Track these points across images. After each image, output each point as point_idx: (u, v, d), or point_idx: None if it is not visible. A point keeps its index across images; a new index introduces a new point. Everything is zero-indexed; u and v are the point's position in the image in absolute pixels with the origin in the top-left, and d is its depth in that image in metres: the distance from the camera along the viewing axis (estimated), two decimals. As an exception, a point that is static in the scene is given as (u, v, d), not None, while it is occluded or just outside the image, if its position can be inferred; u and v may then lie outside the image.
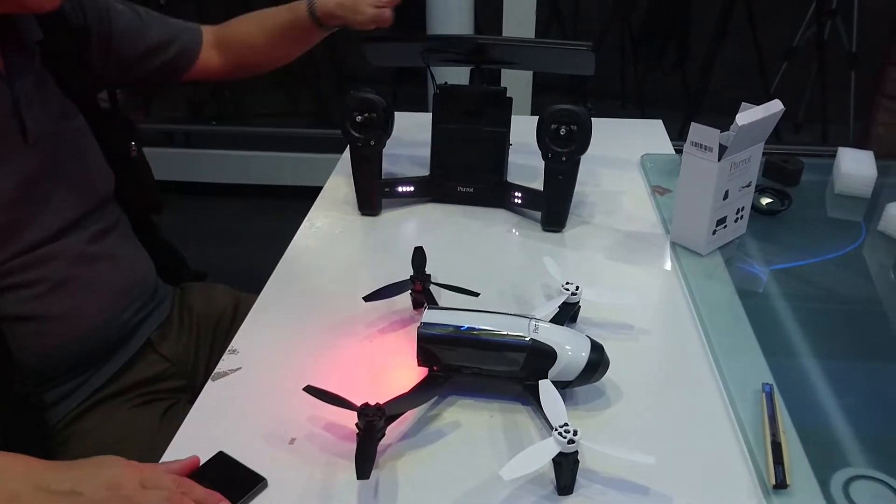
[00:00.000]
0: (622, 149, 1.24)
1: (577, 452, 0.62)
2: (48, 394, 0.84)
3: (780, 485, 0.63)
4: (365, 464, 0.60)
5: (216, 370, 0.78)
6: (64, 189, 0.86)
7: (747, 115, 0.87)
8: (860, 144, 1.50)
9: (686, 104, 2.92)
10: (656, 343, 0.81)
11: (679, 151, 1.24)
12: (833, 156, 1.19)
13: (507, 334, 0.70)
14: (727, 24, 2.53)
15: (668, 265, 0.96)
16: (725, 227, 0.96)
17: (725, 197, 0.93)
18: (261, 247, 1.04)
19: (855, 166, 1.10)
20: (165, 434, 0.81)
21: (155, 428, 0.89)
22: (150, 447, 0.80)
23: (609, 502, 0.63)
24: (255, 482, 0.64)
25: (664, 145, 1.30)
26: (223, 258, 1.12)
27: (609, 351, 0.72)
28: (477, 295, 0.82)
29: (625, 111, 3.02)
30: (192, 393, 0.97)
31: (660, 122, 1.39)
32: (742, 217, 0.99)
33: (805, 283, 0.94)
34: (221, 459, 0.66)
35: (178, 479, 0.62)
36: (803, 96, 2.73)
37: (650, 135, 1.34)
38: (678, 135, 1.34)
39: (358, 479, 0.59)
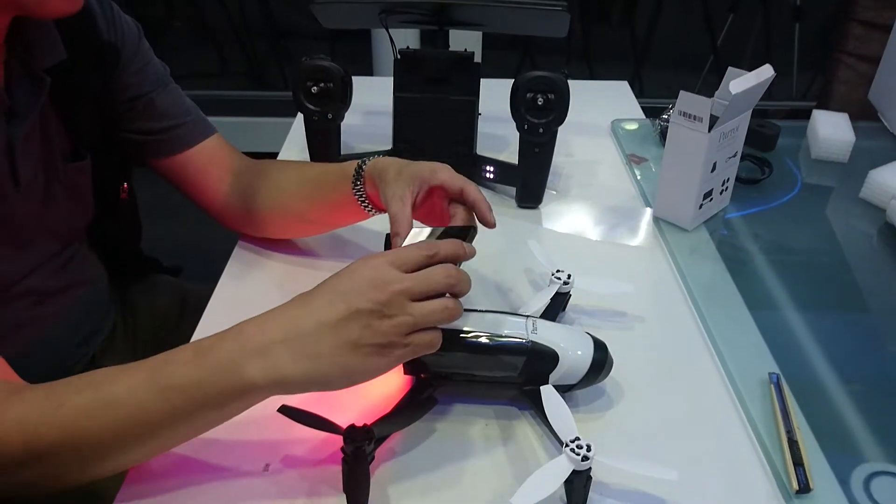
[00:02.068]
0: (590, 114, 1.17)
1: (590, 469, 0.56)
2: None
3: (804, 489, 0.59)
4: (358, 501, 0.53)
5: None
6: (46, 232, 0.75)
7: (740, 83, 0.81)
8: (820, 102, 1.48)
9: (633, 58, 2.88)
10: (652, 332, 0.76)
11: (649, 114, 1.19)
12: (793, 115, 1.15)
13: (504, 336, 0.63)
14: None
15: (652, 242, 0.90)
16: (711, 199, 0.91)
17: (713, 169, 0.87)
18: (203, 223, 0.93)
19: (832, 130, 1.07)
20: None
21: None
22: None
23: (625, 519, 0.58)
24: None
25: (633, 109, 1.24)
26: (159, 237, 1.00)
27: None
28: (461, 288, 0.75)
29: (570, 67, 2.96)
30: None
31: (625, 83, 1.33)
32: (727, 188, 0.94)
33: (796, 257, 0.90)
34: None
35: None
36: (747, 50, 2.72)
37: (617, 97, 1.28)
38: (637, 93, 1.29)
39: (353, 520, 0.52)
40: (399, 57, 0.96)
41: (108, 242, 0.87)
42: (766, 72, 0.84)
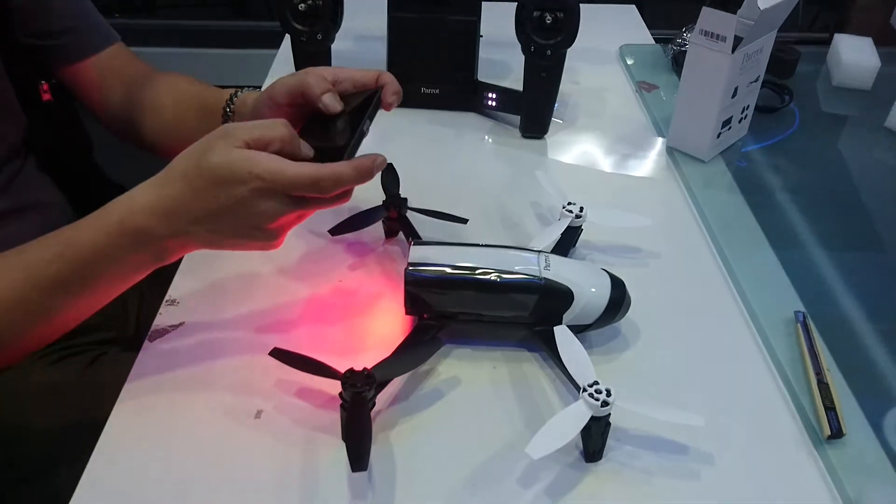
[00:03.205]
0: (596, 39, 1.09)
1: (609, 415, 0.52)
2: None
3: (836, 434, 0.55)
4: (360, 451, 0.49)
5: (154, 326, 0.63)
6: None
7: (768, -2, 0.74)
8: (839, 27, 1.40)
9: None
10: (669, 269, 0.71)
11: (659, 41, 1.12)
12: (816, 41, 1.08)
13: (514, 273, 0.58)
14: None
15: (666, 174, 0.85)
16: (729, 128, 0.85)
17: (734, 94, 0.81)
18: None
19: (855, 56, 1.00)
20: (93, 389, 0.68)
21: (78, 382, 0.75)
22: (74, 404, 0.70)
23: (645, 467, 0.54)
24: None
25: (642, 34, 1.16)
26: (141, 178, 0.93)
27: (621, 281, 0.61)
28: (465, 221, 0.70)
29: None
30: (123, 344, 0.82)
31: (633, 7, 1.24)
32: (746, 117, 0.88)
33: (817, 190, 0.84)
34: None
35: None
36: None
37: (625, 22, 1.21)
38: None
39: (354, 471, 0.48)
40: (394, -28, 0.88)
41: (57, 159, 0.80)
42: (795, -13, 0.77)
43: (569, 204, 0.68)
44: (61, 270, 0.53)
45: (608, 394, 0.51)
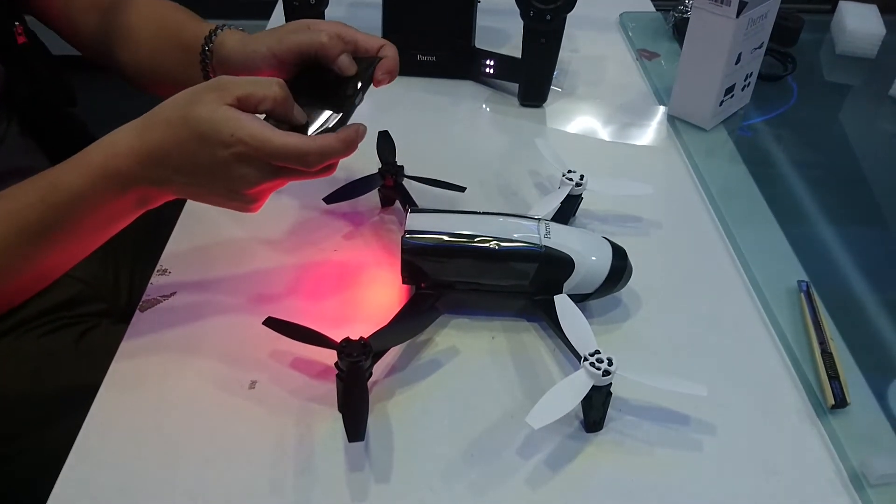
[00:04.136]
0: (597, 6, 1.07)
1: (610, 385, 0.51)
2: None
3: (839, 404, 0.54)
4: (356, 421, 0.48)
5: (145, 297, 0.62)
6: None
7: (775, -41, 0.72)
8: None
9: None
10: (670, 238, 0.70)
11: (661, 9, 1.10)
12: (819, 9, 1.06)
13: (514, 241, 0.57)
14: None
15: (667, 143, 0.83)
16: (732, 96, 0.84)
17: (738, 61, 0.79)
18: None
19: (860, 23, 0.98)
20: (85, 360, 0.67)
21: (70, 353, 0.74)
22: (65, 375, 0.69)
23: (646, 437, 0.53)
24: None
25: (643, 2, 1.13)
26: None
27: (622, 251, 0.60)
28: (463, 190, 0.68)
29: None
30: (115, 316, 0.81)
31: (634, -26, 1.22)
32: (749, 84, 0.86)
33: (820, 160, 0.83)
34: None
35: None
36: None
37: (625, -11, 1.18)
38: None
39: (350, 441, 0.47)
40: (389, -66, 0.85)
41: (38, 116, 0.77)
42: (802, -52, 0.75)
43: (569, 172, 0.67)
44: (44, 215, 0.51)
45: (609, 363, 0.50)
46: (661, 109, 0.88)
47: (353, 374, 0.50)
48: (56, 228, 0.52)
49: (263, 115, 0.52)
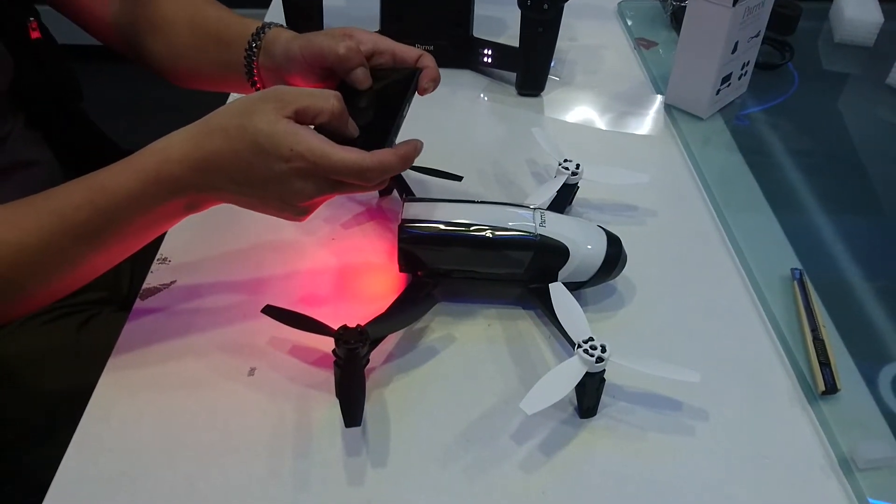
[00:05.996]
0: (594, -6, 1.07)
1: (604, 371, 0.51)
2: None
3: (830, 390, 0.55)
4: (353, 407, 0.48)
5: (145, 285, 0.63)
6: None
7: (772, -52, 0.72)
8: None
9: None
10: (666, 226, 0.71)
11: (659, -2, 1.09)
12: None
13: (509, 229, 0.57)
14: None
15: (664, 132, 0.83)
16: (729, 85, 0.84)
17: (734, 50, 0.80)
18: (174, 121, 0.85)
19: (858, 11, 0.98)
20: (87, 349, 0.68)
21: (72, 342, 0.74)
22: (66, 363, 0.70)
23: (639, 423, 0.54)
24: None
25: (641, -10, 1.14)
26: (125, 134, 0.89)
27: (616, 239, 0.61)
28: (460, 179, 0.69)
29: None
30: (116, 304, 0.82)
31: (632, -38, 1.22)
32: (745, 73, 0.86)
33: (817, 149, 0.83)
34: None
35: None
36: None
37: (623, -22, 1.18)
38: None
39: (347, 426, 0.48)
40: (387, -77, 0.85)
41: (45, 108, 0.76)
42: (799, -63, 0.75)
43: (565, 161, 0.67)
44: (91, 217, 0.51)
45: (603, 350, 0.51)
46: (659, 98, 0.88)
47: (351, 360, 0.50)
48: (104, 231, 0.52)
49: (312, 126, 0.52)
